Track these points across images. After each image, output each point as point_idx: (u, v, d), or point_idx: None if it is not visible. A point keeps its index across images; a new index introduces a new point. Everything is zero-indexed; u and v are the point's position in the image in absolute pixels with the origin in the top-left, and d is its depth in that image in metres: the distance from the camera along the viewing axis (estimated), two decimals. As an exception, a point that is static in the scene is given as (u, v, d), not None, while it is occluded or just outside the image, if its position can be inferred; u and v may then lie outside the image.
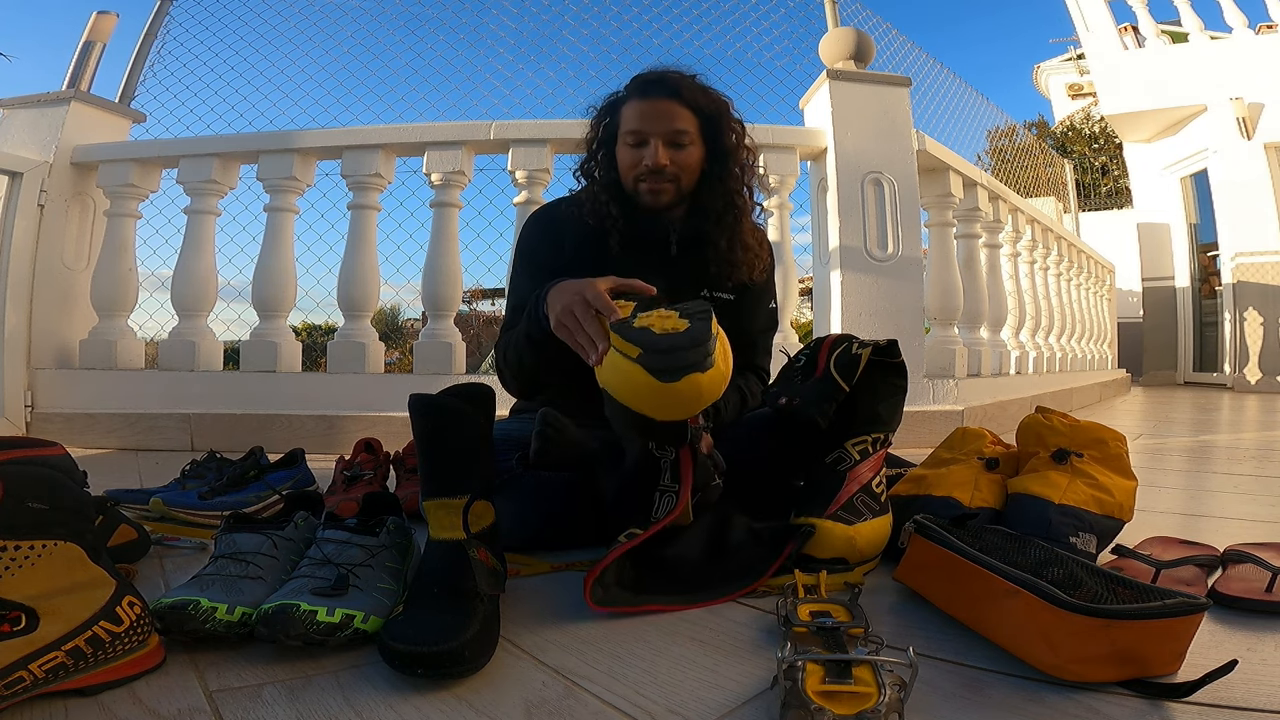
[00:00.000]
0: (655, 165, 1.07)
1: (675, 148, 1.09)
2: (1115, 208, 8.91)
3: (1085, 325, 4.48)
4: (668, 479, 0.87)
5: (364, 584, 0.70)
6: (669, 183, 1.09)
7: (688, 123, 1.10)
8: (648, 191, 1.09)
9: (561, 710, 0.56)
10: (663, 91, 1.10)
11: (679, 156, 1.09)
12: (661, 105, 1.09)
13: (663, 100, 1.10)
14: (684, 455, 0.86)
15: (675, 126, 1.09)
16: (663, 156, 1.07)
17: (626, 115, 1.11)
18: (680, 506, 0.85)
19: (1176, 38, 6.41)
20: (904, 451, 1.32)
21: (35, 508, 0.56)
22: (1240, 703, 0.55)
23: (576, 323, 0.83)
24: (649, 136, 1.08)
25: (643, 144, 1.09)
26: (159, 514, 1.06)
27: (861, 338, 0.97)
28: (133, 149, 2.41)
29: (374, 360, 2.23)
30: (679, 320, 0.78)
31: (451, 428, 0.74)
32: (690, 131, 1.10)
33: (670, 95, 1.10)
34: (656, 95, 1.10)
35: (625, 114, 1.11)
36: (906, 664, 0.52)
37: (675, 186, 1.10)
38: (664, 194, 1.10)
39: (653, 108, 1.09)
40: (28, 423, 2.19)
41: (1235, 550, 0.89)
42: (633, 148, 1.10)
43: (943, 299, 2.54)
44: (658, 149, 1.07)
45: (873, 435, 0.94)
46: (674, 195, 1.11)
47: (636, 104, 1.11)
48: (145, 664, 0.60)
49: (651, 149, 1.08)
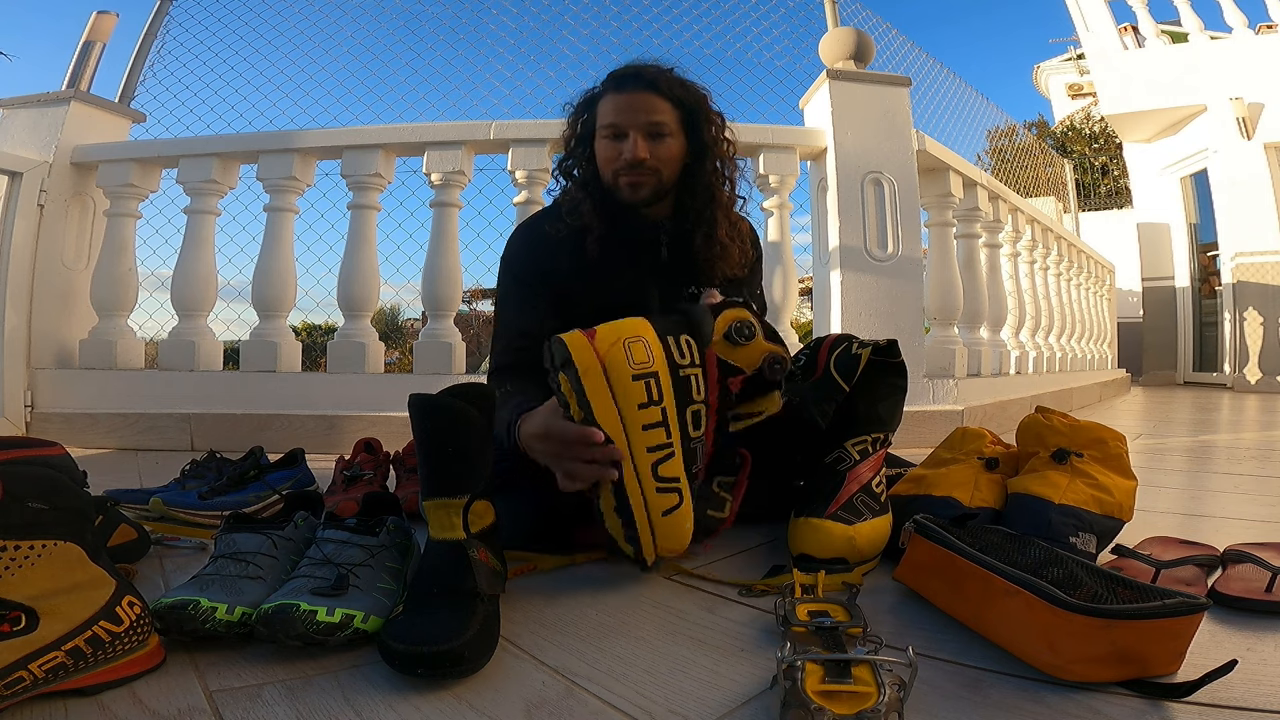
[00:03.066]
0: (634, 158, 1.05)
1: (654, 139, 1.07)
2: (1115, 208, 8.90)
3: (1085, 325, 4.48)
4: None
5: (364, 584, 0.70)
6: (649, 175, 1.07)
7: (666, 114, 1.08)
8: (627, 185, 1.07)
9: (561, 710, 0.56)
10: (639, 84, 1.09)
11: (658, 149, 1.08)
12: (638, 98, 1.08)
13: (639, 93, 1.08)
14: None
15: (653, 119, 1.07)
16: (641, 149, 1.05)
17: (603, 109, 1.09)
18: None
19: (1176, 38, 6.40)
20: (904, 451, 1.32)
21: (35, 508, 0.56)
22: (1240, 703, 0.55)
23: (581, 472, 0.81)
24: (627, 129, 1.06)
25: (621, 137, 1.07)
26: (159, 514, 1.06)
27: (861, 338, 0.97)
28: (133, 149, 2.41)
29: (374, 360, 2.23)
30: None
31: (451, 428, 0.74)
32: (669, 123, 1.08)
33: (647, 88, 1.08)
34: (633, 88, 1.08)
35: (602, 108, 1.10)
36: (906, 664, 0.52)
37: (656, 179, 1.08)
38: (643, 187, 1.07)
39: (629, 100, 1.07)
40: (28, 423, 2.19)
41: (1235, 550, 0.89)
42: (611, 141, 1.08)
43: (942, 299, 2.54)
44: (636, 141, 1.05)
45: (873, 435, 0.94)
46: (654, 188, 1.08)
47: (613, 97, 1.09)
48: (145, 664, 0.60)
49: (630, 142, 1.06)
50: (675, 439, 0.81)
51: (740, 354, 0.88)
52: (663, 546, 0.83)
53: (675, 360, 0.82)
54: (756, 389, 0.91)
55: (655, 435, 0.79)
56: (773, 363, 0.89)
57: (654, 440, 0.79)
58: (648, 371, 0.79)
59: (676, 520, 0.82)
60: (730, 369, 0.88)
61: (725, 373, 0.87)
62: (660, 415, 0.79)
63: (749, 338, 0.89)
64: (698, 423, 0.83)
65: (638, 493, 0.80)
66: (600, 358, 0.78)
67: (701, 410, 0.84)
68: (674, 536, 0.83)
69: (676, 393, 0.81)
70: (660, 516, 0.81)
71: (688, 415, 0.82)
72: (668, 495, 0.81)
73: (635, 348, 0.79)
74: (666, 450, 0.80)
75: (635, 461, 0.79)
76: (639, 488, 0.79)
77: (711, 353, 0.86)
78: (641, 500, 0.80)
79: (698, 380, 0.83)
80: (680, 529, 0.83)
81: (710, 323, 0.88)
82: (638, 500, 0.80)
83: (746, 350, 0.89)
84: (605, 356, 0.78)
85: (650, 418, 0.79)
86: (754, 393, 0.91)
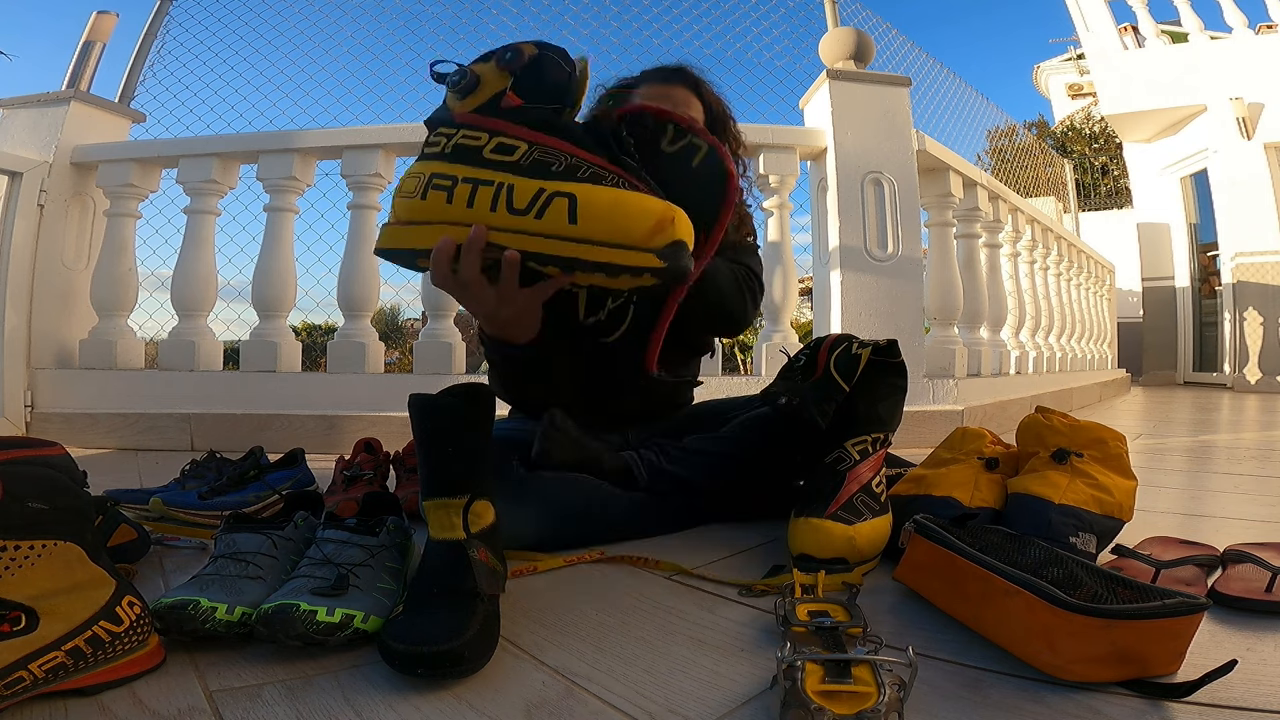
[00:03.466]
0: None
1: None
2: (1115, 208, 8.91)
3: (1085, 325, 4.48)
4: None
5: (364, 584, 0.70)
6: None
7: (698, 114, 1.14)
8: None
9: (561, 710, 0.56)
10: (683, 80, 1.13)
11: None
12: (679, 91, 1.12)
13: (681, 88, 1.12)
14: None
15: (688, 113, 1.10)
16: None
17: (639, 95, 1.12)
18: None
19: (1176, 38, 6.41)
20: (904, 451, 1.32)
21: (35, 508, 0.56)
22: (1240, 703, 0.55)
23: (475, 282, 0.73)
24: None
25: None
26: (159, 514, 1.06)
27: (861, 338, 0.97)
28: (133, 149, 2.41)
29: (374, 360, 2.23)
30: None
31: (451, 428, 0.74)
32: (699, 123, 1.11)
33: (690, 86, 1.13)
34: (677, 82, 1.13)
35: (638, 95, 1.13)
36: (906, 664, 0.52)
37: None
38: None
39: (669, 91, 1.11)
40: (28, 423, 2.20)
41: (1235, 550, 0.89)
42: None
43: (942, 299, 2.54)
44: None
45: (873, 435, 0.94)
46: None
47: (655, 86, 1.13)
48: (145, 664, 0.60)
49: None
50: (491, 175, 0.69)
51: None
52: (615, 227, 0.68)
53: (426, 154, 0.73)
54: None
55: (474, 196, 0.69)
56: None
57: (476, 199, 0.69)
58: (411, 191, 0.71)
59: (598, 204, 0.67)
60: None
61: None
62: (454, 187, 0.70)
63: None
64: (505, 150, 0.70)
65: (517, 232, 0.68)
66: (394, 224, 0.73)
67: (495, 140, 0.71)
68: (609, 218, 0.68)
69: (456, 160, 0.71)
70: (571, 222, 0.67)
71: (487, 154, 0.70)
72: (550, 206, 0.67)
73: (406, 183, 0.73)
74: (494, 187, 0.69)
75: (489, 224, 0.68)
76: (514, 228, 0.68)
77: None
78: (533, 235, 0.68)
79: (471, 136, 0.71)
80: (614, 208, 0.68)
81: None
82: (528, 239, 0.68)
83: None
84: (395, 214, 0.74)
85: (450, 198, 0.69)
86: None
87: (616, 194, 0.68)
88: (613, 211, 0.67)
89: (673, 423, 1.21)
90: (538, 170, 0.69)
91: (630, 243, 0.67)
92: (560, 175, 0.69)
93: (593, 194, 0.67)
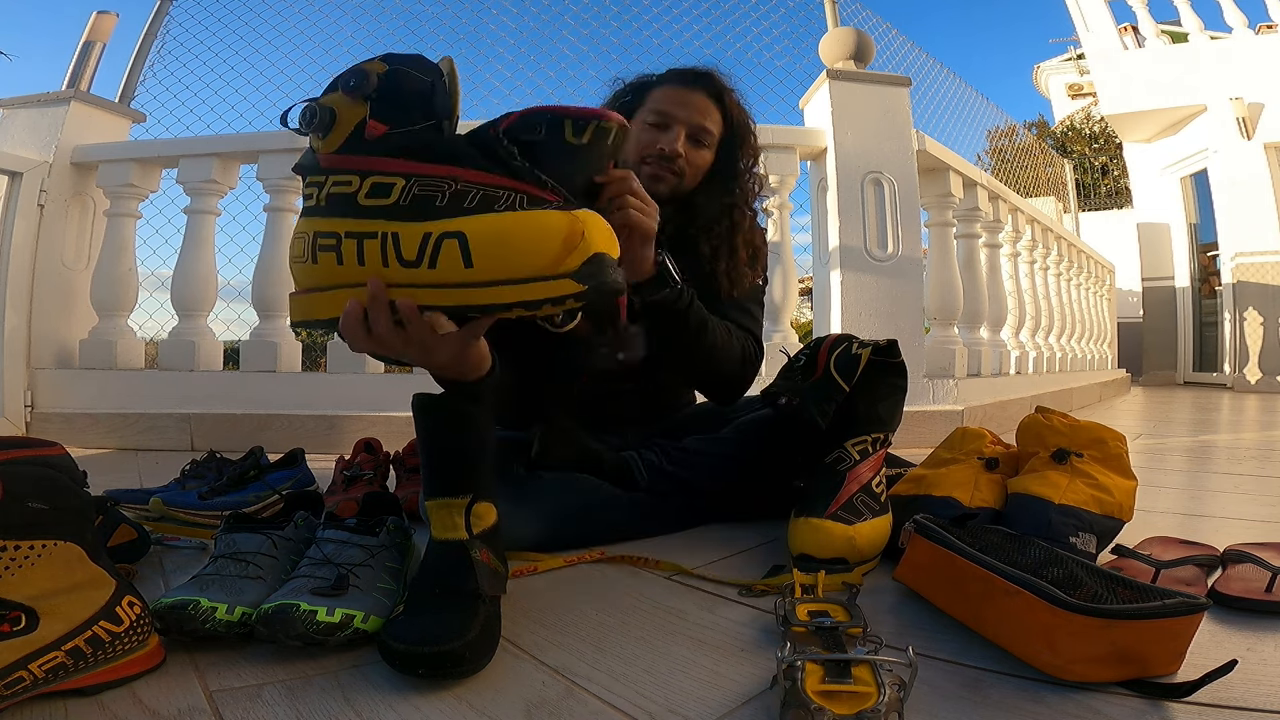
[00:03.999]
0: (670, 151, 1.05)
1: (694, 143, 1.07)
2: (1115, 208, 8.91)
3: (1085, 325, 4.48)
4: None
5: (364, 584, 0.70)
6: (673, 174, 1.07)
7: (715, 127, 1.09)
8: (649, 176, 1.06)
9: (561, 710, 0.56)
10: (706, 85, 1.09)
11: (694, 154, 1.07)
12: (699, 98, 1.08)
13: (701, 94, 1.08)
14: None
15: (704, 123, 1.07)
16: (680, 146, 1.05)
17: (656, 96, 1.09)
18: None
19: (1176, 38, 6.41)
20: (904, 451, 1.32)
21: (35, 508, 0.56)
22: (1240, 703, 0.55)
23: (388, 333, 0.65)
24: (674, 123, 1.06)
25: (664, 127, 1.06)
26: (159, 514, 1.06)
27: (861, 338, 0.97)
28: (133, 149, 2.41)
29: (374, 360, 2.23)
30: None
31: (454, 428, 0.74)
32: (714, 135, 1.09)
33: (712, 94, 1.08)
34: (698, 87, 1.08)
35: (655, 95, 1.09)
36: (906, 664, 0.52)
37: (677, 181, 1.08)
38: (663, 183, 1.07)
39: (689, 97, 1.07)
40: (28, 423, 2.19)
41: (1235, 550, 0.89)
42: (652, 127, 1.07)
43: (942, 299, 2.54)
44: (679, 136, 1.05)
45: (873, 435, 0.94)
46: (672, 188, 1.08)
47: (674, 89, 1.08)
48: (145, 664, 0.60)
49: (672, 135, 1.05)
50: (372, 226, 0.62)
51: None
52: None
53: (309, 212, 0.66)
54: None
55: (362, 252, 0.62)
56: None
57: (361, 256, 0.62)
58: (301, 255, 0.66)
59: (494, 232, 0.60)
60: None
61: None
62: (339, 245, 0.63)
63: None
64: (381, 190, 0.62)
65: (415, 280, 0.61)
66: (299, 293, 0.68)
67: (368, 181, 0.62)
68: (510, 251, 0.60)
69: (333, 213, 0.63)
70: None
71: (362, 200, 0.62)
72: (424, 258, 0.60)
73: (294, 246, 0.67)
74: (379, 240, 0.61)
75: (386, 280, 0.62)
76: (409, 281, 0.61)
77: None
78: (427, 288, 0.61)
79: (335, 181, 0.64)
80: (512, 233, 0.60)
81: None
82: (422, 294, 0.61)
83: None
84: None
85: (340, 259, 0.63)
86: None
87: (512, 220, 0.60)
88: (509, 243, 0.59)
89: (673, 423, 1.21)
90: (420, 209, 0.61)
91: (539, 273, 0.59)
92: (445, 211, 0.60)
93: (484, 227, 0.59)
